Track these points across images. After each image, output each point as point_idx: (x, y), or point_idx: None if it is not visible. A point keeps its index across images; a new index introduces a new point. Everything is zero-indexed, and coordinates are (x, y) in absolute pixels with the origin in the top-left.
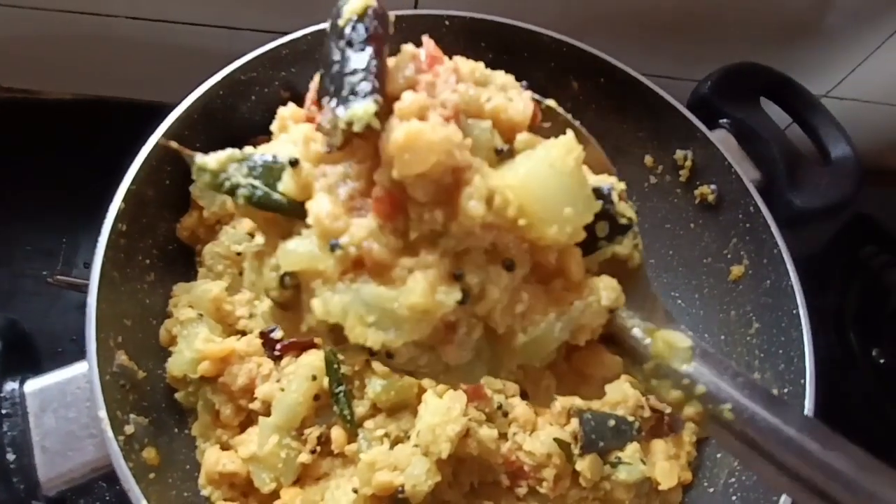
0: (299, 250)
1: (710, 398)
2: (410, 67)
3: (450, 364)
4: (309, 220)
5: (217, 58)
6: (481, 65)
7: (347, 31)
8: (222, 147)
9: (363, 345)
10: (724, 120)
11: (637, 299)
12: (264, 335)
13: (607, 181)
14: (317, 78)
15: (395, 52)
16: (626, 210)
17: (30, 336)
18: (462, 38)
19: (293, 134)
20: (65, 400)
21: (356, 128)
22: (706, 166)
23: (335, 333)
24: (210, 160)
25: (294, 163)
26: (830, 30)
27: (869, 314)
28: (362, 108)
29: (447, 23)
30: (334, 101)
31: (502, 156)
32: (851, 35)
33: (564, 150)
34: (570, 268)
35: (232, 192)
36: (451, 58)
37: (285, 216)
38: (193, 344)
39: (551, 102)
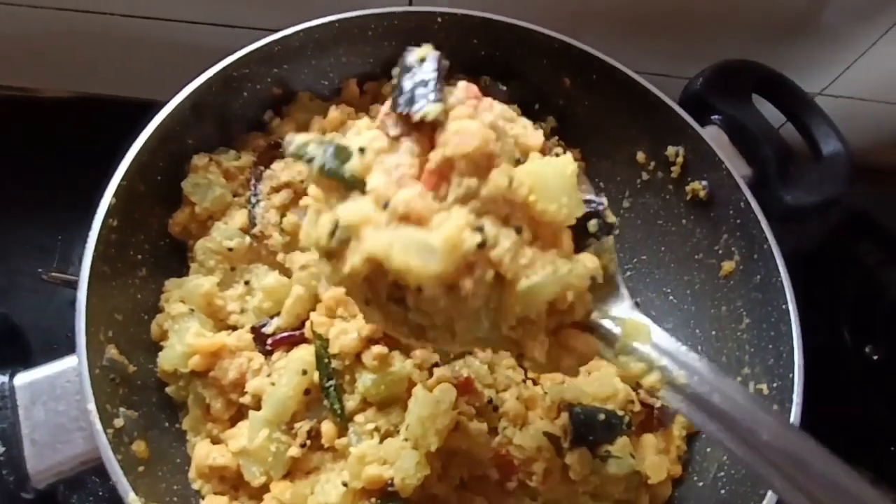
0: (358, 207)
1: (667, 367)
2: (461, 92)
3: (463, 309)
4: (368, 188)
5: (213, 55)
6: (507, 108)
7: (416, 65)
8: (215, 143)
9: (401, 271)
10: (716, 116)
11: (612, 296)
12: (255, 330)
13: (599, 198)
14: (388, 104)
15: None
16: (611, 216)
17: (21, 330)
18: (454, 35)
19: (363, 134)
20: (54, 393)
21: (429, 118)
22: (698, 163)
23: (370, 281)
24: (299, 137)
25: (362, 150)
26: (825, 27)
27: (863, 310)
28: (433, 107)
29: (439, 20)
30: (409, 106)
31: (519, 163)
32: (846, 33)
33: (564, 161)
34: (564, 241)
35: (309, 161)
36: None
37: (346, 186)
38: (184, 338)
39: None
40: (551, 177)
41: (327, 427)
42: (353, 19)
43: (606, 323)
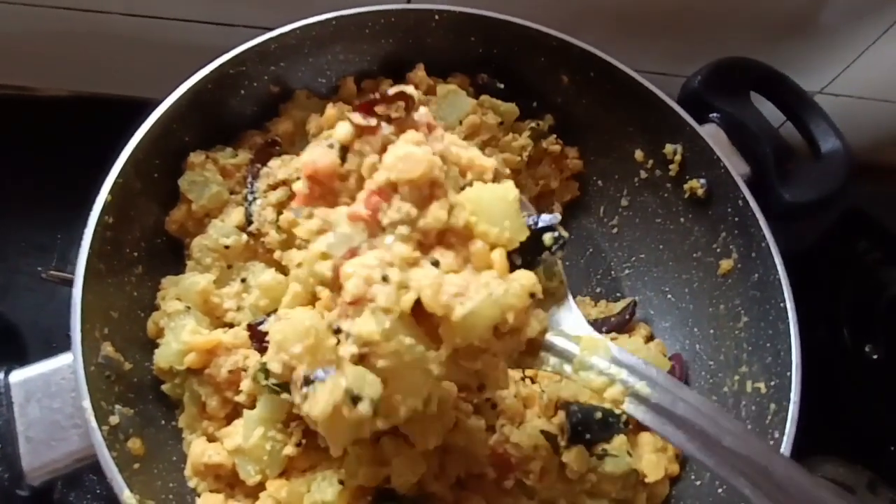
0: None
1: (628, 380)
2: (421, 118)
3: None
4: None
5: (212, 54)
6: (457, 138)
7: None
8: (212, 140)
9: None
10: (715, 114)
11: (562, 314)
12: (252, 328)
13: (549, 216)
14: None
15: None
16: (563, 231)
17: (17, 328)
18: (452, 33)
19: None
20: (49, 390)
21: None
22: (696, 161)
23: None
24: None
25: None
26: (825, 26)
27: (862, 309)
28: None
29: (437, 17)
30: None
31: (463, 189)
32: (846, 31)
33: (506, 187)
34: (497, 262)
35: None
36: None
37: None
38: (180, 336)
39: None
40: (493, 201)
41: None
42: (350, 17)
43: (560, 340)
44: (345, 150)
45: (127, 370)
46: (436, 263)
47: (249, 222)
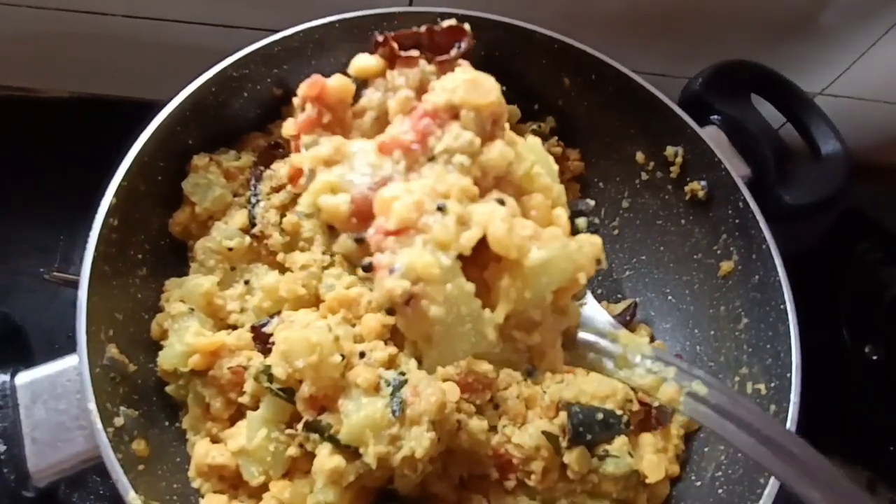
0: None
1: (681, 376)
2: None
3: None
4: None
5: (214, 56)
6: None
7: None
8: (216, 143)
9: None
10: (716, 117)
11: (592, 311)
12: (255, 329)
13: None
14: None
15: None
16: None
17: (22, 330)
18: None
19: None
20: (55, 392)
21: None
22: (696, 163)
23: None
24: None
25: None
26: (825, 27)
27: (862, 310)
28: None
29: (438, 20)
30: None
31: None
32: (846, 33)
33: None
34: (561, 218)
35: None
36: None
37: None
38: (184, 337)
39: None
40: (550, 160)
41: None
42: (353, 20)
43: (594, 337)
44: (361, 86)
45: (131, 372)
46: (502, 202)
47: (253, 224)
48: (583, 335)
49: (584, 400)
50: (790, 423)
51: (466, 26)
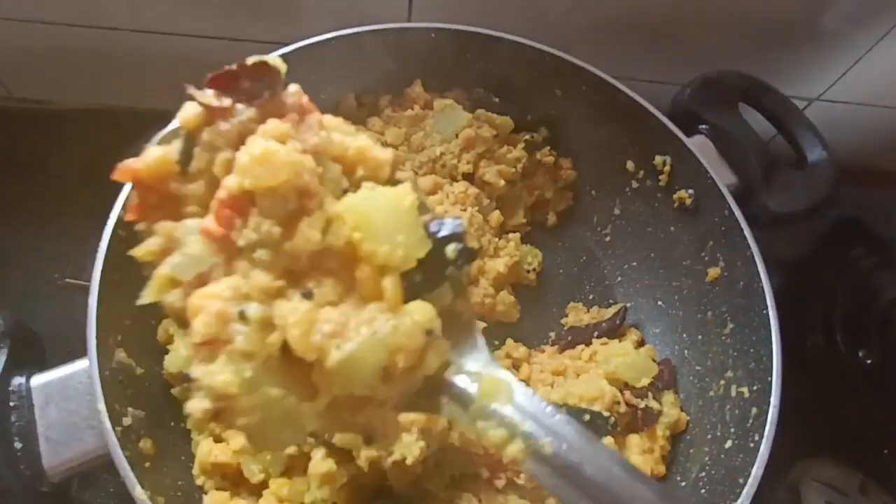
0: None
1: (532, 433)
2: (290, 97)
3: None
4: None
5: (218, 68)
6: (342, 121)
7: None
8: None
9: None
10: (703, 126)
11: (466, 348)
12: None
13: (454, 219)
14: None
15: None
16: (472, 240)
17: (36, 335)
18: (449, 50)
19: None
20: (67, 394)
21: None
22: (684, 172)
23: None
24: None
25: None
26: (821, 33)
27: (856, 315)
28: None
29: (433, 35)
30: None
31: (346, 193)
32: (842, 38)
33: (402, 192)
34: (387, 289)
35: None
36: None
37: None
38: (189, 342)
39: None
40: (384, 210)
41: None
42: (350, 36)
43: (460, 380)
44: (191, 142)
45: (139, 375)
46: (308, 295)
47: None
48: (450, 377)
49: (572, 402)
50: (769, 424)
51: (274, 62)
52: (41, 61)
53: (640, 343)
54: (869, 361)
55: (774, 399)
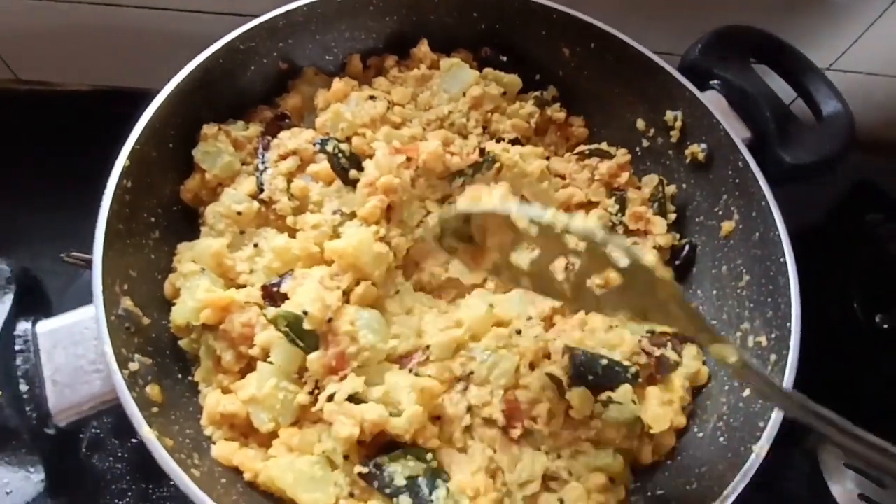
0: None
1: None
2: None
3: None
4: None
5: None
6: None
7: None
8: (224, 116)
9: None
10: (715, 82)
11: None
12: (267, 288)
13: None
14: None
15: None
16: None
17: (40, 282)
18: (455, 9)
19: None
20: (74, 339)
21: None
22: (696, 126)
23: None
24: None
25: None
26: (831, 3)
27: (873, 281)
28: None
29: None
30: None
31: None
32: (852, 6)
33: None
34: None
35: None
36: None
37: None
38: (195, 294)
39: None
40: None
41: None
42: None
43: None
44: None
45: (145, 325)
46: None
47: (261, 190)
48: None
49: (590, 345)
50: (789, 370)
51: None
52: (46, 42)
53: None
54: (886, 326)
55: (794, 343)
